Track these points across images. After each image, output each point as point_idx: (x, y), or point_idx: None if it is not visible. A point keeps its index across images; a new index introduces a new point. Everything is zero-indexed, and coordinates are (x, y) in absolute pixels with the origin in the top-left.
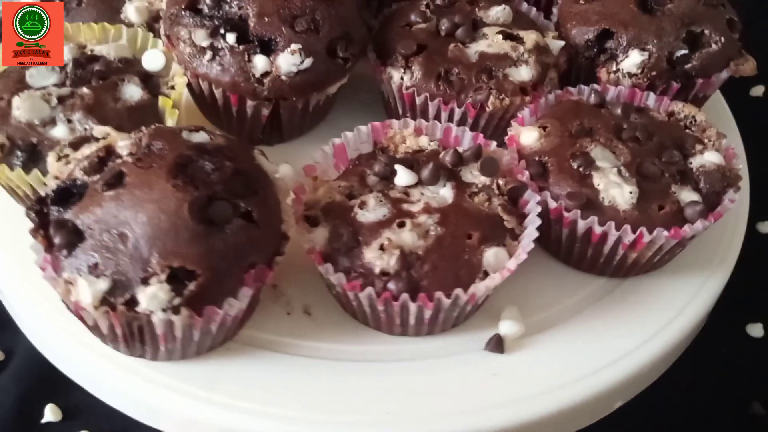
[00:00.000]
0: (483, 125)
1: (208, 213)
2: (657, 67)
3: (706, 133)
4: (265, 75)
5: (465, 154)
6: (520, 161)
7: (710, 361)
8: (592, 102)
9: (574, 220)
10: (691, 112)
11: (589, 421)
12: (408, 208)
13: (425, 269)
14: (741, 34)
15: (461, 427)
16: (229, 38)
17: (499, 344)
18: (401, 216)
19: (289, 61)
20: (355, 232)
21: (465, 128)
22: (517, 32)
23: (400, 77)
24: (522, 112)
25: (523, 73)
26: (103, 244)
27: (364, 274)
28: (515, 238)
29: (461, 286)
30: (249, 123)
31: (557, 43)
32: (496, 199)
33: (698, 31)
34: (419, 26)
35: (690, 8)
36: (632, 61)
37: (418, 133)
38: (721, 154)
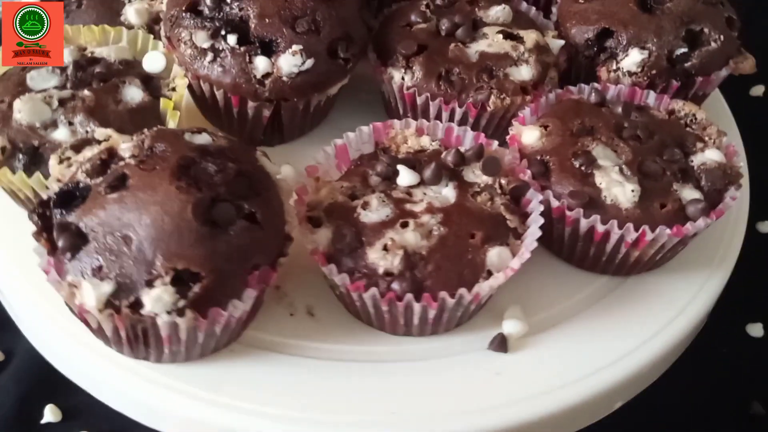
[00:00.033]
0: (484, 125)
1: (212, 215)
2: (657, 66)
3: (707, 131)
4: (266, 76)
5: (467, 154)
6: (522, 160)
7: (710, 361)
8: (593, 101)
9: (577, 219)
10: (692, 110)
11: (590, 421)
12: (411, 208)
13: (429, 269)
14: (740, 33)
15: (466, 426)
16: (230, 40)
17: (503, 343)
18: (404, 216)
19: (290, 62)
20: (358, 233)
21: (466, 128)
22: (517, 32)
23: (400, 77)
24: (523, 112)
25: (524, 73)
26: (107, 247)
27: (367, 275)
28: (518, 238)
29: (465, 286)
30: (250, 124)
31: (557, 43)
32: (499, 199)
33: (698, 30)
34: (419, 26)
35: (689, 7)
36: (632, 59)
37: (419, 133)
38: (722, 152)
